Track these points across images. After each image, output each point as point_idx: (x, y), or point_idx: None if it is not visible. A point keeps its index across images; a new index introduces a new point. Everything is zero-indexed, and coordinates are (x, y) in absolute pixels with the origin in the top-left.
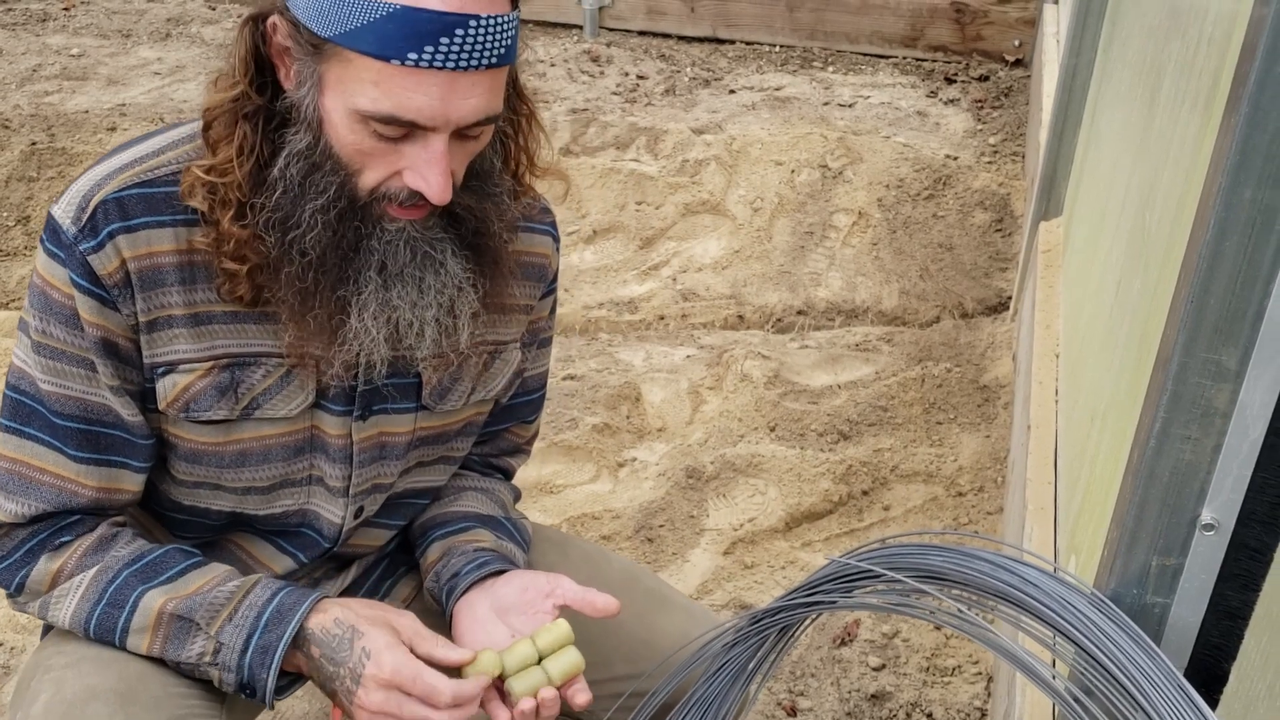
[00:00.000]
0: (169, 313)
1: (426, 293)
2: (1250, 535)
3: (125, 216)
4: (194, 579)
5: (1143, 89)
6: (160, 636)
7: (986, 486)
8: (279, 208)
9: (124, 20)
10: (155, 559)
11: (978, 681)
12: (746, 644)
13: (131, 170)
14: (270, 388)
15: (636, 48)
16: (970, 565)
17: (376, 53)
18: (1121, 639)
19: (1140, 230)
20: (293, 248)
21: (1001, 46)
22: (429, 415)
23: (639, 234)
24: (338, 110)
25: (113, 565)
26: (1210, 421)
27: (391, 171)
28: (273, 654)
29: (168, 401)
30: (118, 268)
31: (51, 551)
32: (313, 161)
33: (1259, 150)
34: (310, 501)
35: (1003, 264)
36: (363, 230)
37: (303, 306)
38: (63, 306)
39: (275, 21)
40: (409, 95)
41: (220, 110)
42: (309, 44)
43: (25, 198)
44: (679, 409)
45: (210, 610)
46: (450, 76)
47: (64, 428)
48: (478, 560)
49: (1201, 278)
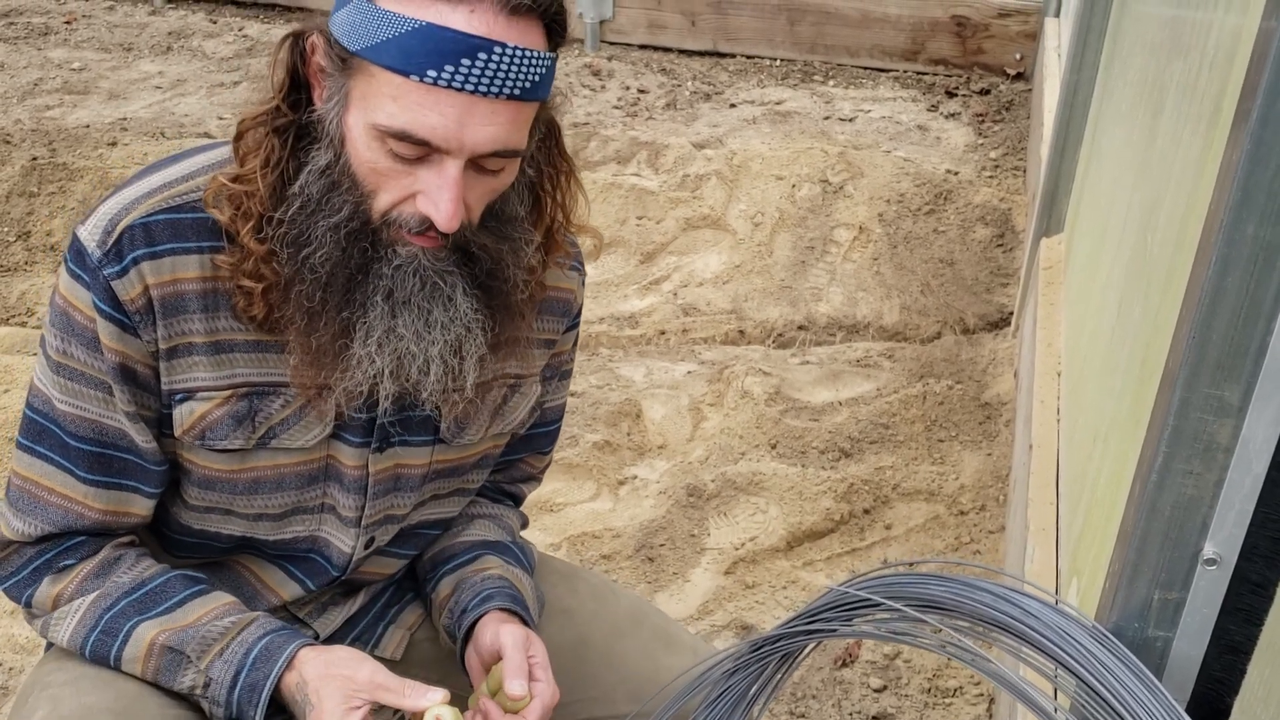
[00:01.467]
0: (189, 340)
1: (433, 327)
2: (1252, 570)
3: (151, 242)
4: (193, 609)
5: (1144, 108)
6: (152, 666)
7: (988, 505)
8: (294, 223)
9: (125, 34)
10: (155, 588)
11: (979, 703)
12: (747, 671)
13: (160, 195)
14: (288, 418)
15: (637, 61)
16: (971, 595)
17: (398, 67)
18: (1123, 672)
19: (1142, 251)
20: (304, 265)
21: (1002, 60)
22: (446, 449)
23: (640, 249)
24: (358, 126)
25: (112, 592)
26: (1212, 456)
27: (405, 195)
28: (259, 693)
29: (184, 428)
30: (140, 293)
31: (55, 574)
32: (331, 180)
33: (1261, 187)
34: (321, 529)
35: (1004, 279)
36: (371, 253)
37: (309, 327)
38: (84, 329)
39: (315, 40)
40: (424, 113)
41: (253, 122)
42: (339, 59)
43: (26, 213)
44: (680, 426)
45: (202, 645)
46: (469, 100)
47: (76, 449)
48: (482, 594)
49: (1204, 313)
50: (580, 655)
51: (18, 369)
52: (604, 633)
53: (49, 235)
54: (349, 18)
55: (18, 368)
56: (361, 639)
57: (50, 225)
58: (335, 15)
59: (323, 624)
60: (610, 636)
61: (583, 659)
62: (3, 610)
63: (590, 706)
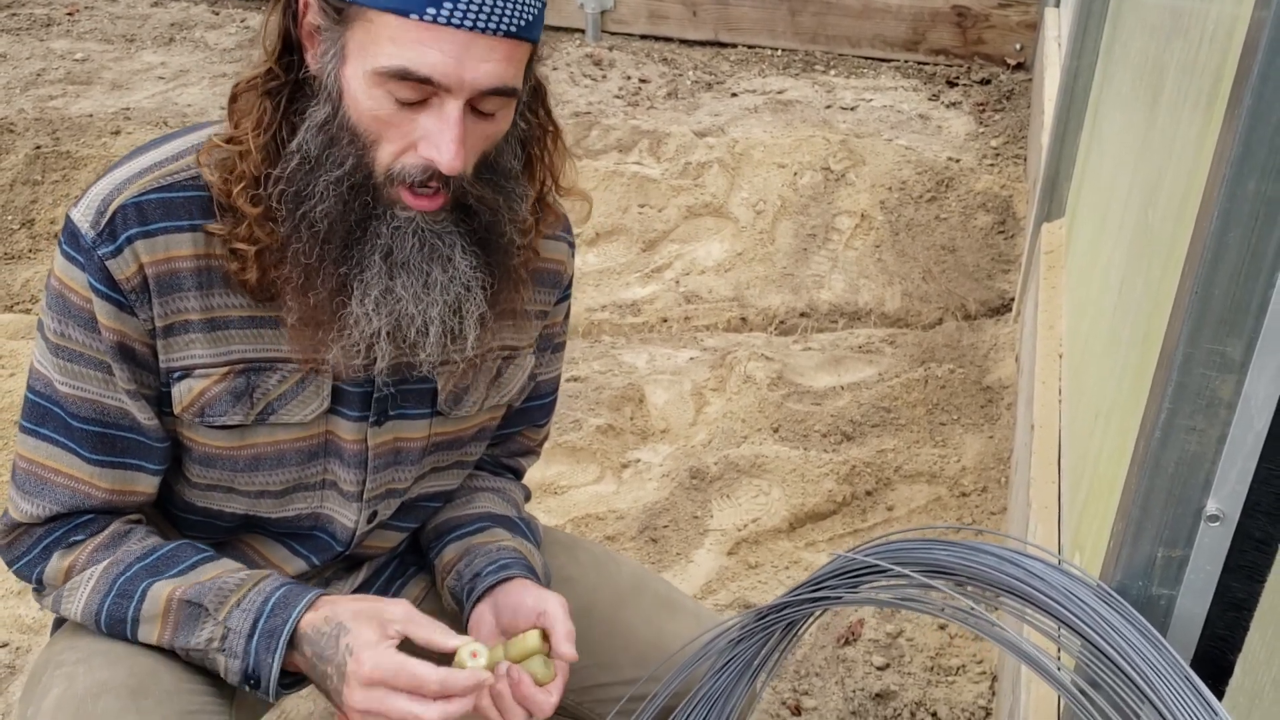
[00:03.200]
0: (185, 318)
1: (432, 288)
2: (1255, 527)
3: (144, 221)
4: (205, 570)
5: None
6: (170, 623)
7: (990, 487)
8: (293, 180)
9: (128, 25)
10: (166, 553)
11: (982, 680)
12: (752, 640)
13: (151, 175)
14: (286, 393)
15: (639, 51)
16: (975, 559)
17: (396, 7)
18: (1128, 631)
19: (1143, 228)
20: (302, 223)
21: (1003, 50)
22: (444, 421)
23: (642, 237)
24: (357, 77)
25: (124, 559)
26: (1215, 412)
27: (407, 144)
28: (277, 639)
29: (183, 406)
30: (135, 272)
31: (64, 549)
32: (331, 134)
33: (1262, 143)
34: (324, 505)
35: (1005, 266)
36: (372, 209)
37: (305, 284)
38: (80, 310)
39: (307, 0)
40: (425, 50)
41: (247, 85)
42: (334, 11)
43: (30, 201)
44: (682, 410)
45: (219, 596)
46: (467, 36)
47: (80, 430)
48: (499, 562)
49: (1206, 270)
50: (584, 623)
51: (22, 354)
52: (607, 601)
53: (53, 223)
54: None
55: (22, 353)
56: None
57: (54, 213)
58: None
59: None
60: (613, 604)
61: (586, 627)
62: (8, 590)
63: (595, 673)
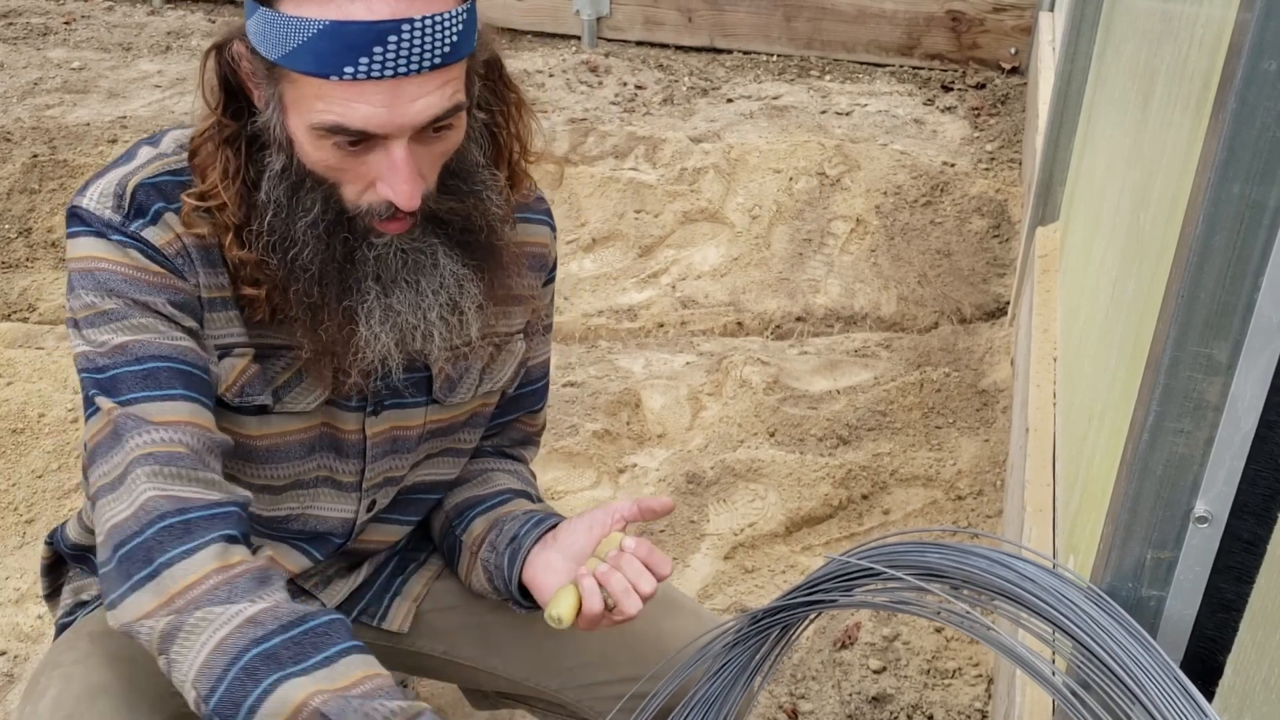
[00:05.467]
0: (224, 294)
1: (425, 295)
2: (1244, 528)
3: (167, 199)
4: (352, 670)
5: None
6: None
7: (985, 490)
8: (274, 229)
9: (124, 34)
10: (315, 628)
11: (978, 684)
12: (747, 643)
13: (157, 163)
14: (290, 380)
15: (634, 58)
16: (968, 562)
17: (314, 71)
18: (1118, 632)
19: (1135, 231)
20: (295, 266)
21: (998, 54)
22: (439, 408)
23: (638, 242)
24: (300, 128)
25: (265, 620)
26: (1202, 414)
27: (366, 184)
28: None
29: (228, 385)
30: (174, 239)
31: (226, 541)
32: (292, 180)
33: (1247, 146)
34: (314, 504)
35: (1000, 269)
36: (352, 241)
37: (314, 320)
38: (118, 272)
39: (238, 49)
40: (353, 106)
41: (202, 139)
42: (264, 67)
43: (27, 210)
44: (679, 415)
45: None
46: (393, 83)
47: (165, 370)
48: (532, 519)
49: (1192, 272)
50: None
51: (20, 362)
52: None
53: (50, 232)
54: (259, 27)
55: (19, 361)
56: (368, 611)
57: (51, 222)
58: (248, 23)
59: (328, 596)
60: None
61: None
62: (6, 599)
63: (594, 671)
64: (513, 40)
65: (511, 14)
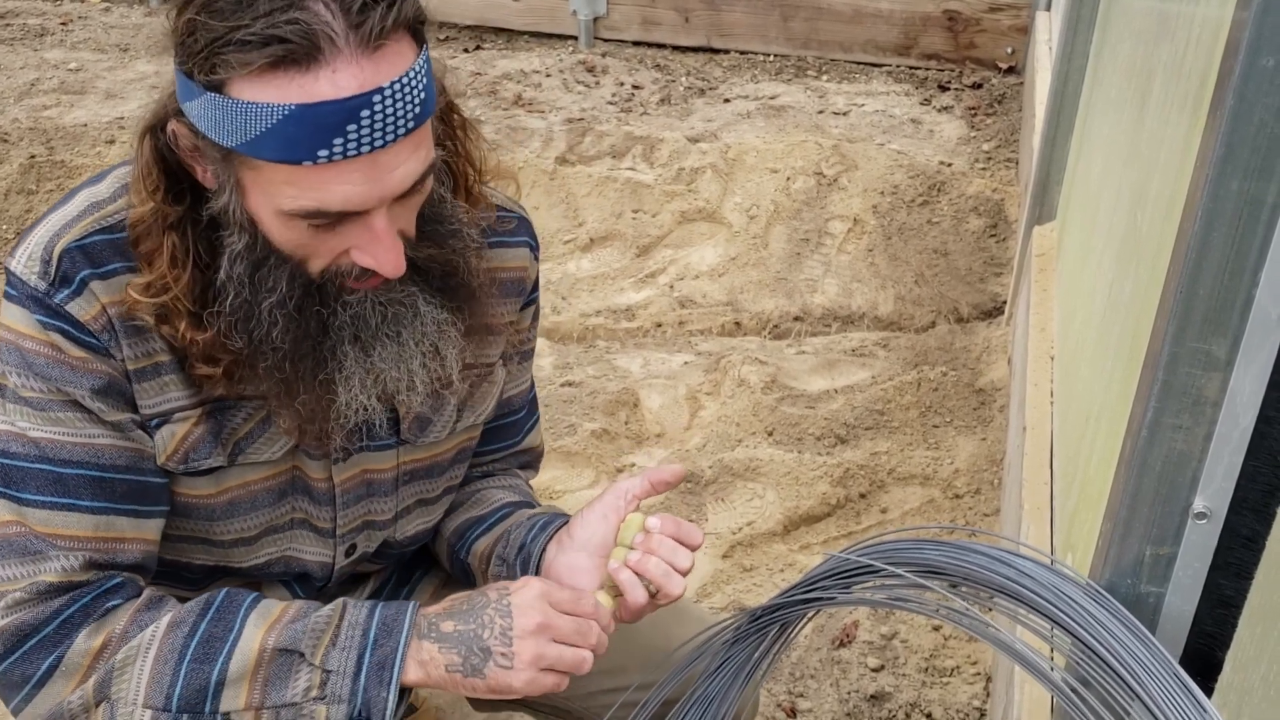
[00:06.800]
0: (156, 360)
1: (406, 345)
2: (1242, 524)
3: (95, 263)
4: (270, 607)
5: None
6: (260, 680)
7: (983, 489)
8: (236, 310)
9: (121, 35)
10: (221, 600)
11: (976, 682)
12: (747, 641)
13: (90, 218)
14: (252, 430)
15: (631, 58)
16: (967, 559)
17: (285, 158)
18: (1117, 629)
19: (1132, 230)
20: (262, 345)
21: (994, 54)
22: (411, 449)
23: (636, 242)
24: (264, 210)
25: (185, 618)
26: (1201, 410)
27: (338, 253)
28: (390, 668)
29: (167, 454)
30: (99, 312)
31: (96, 621)
32: (255, 258)
33: (1245, 142)
34: (292, 546)
35: (997, 269)
36: (325, 312)
37: (288, 395)
38: (43, 354)
39: (176, 128)
40: (331, 188)
41: (143, 225)
42: (216, 150)
43: (25, 210)
44: (677, 415)
45: (312, 638)
46: (369, 158)
47: (74, 478)
48: (536, 524)
49: (1190, 269)
50: None
51: None
52: None
53: None
54: (207, 114)
55: None
56: None
57: None
58: (188, 106)
59: None
60: None
61: None
62: None
63: (602, 679)
64: (509, 40)
65: (508, 14)
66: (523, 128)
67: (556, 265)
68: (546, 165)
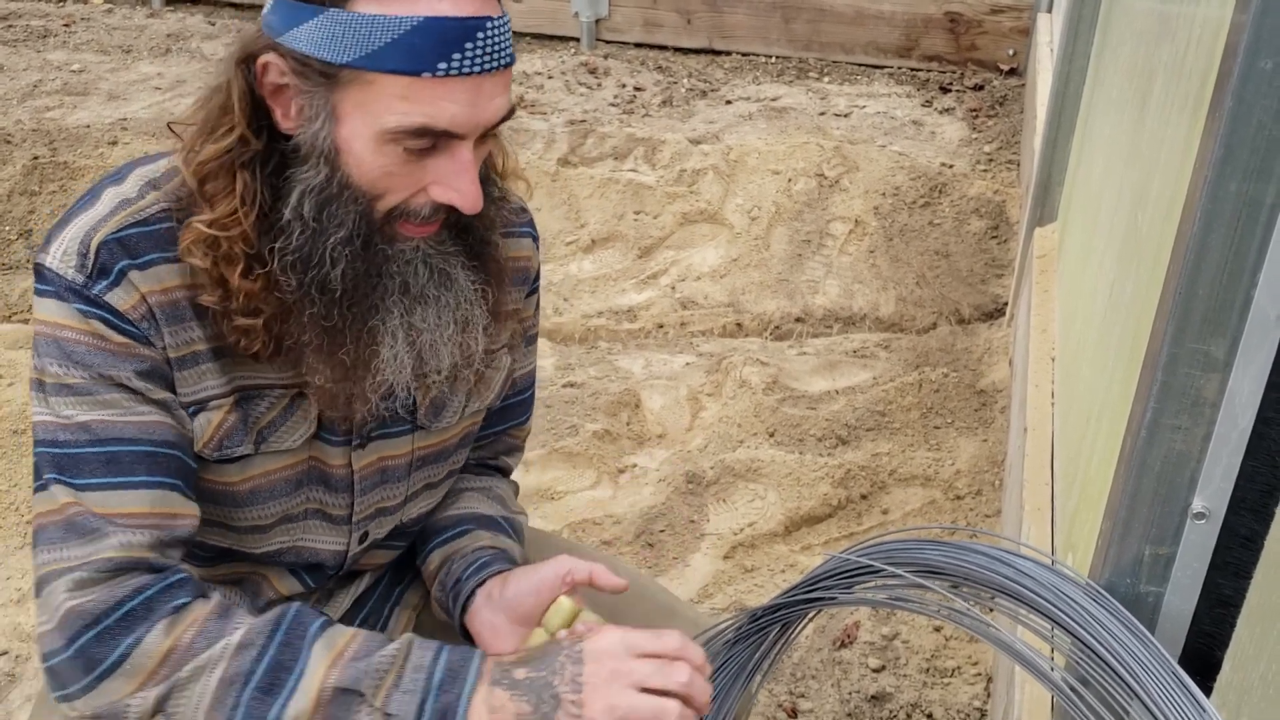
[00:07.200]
0: (194, 348)
1: (444, 312)
2: (1241, 523)
3: (132, 255)
4: (335, 636)
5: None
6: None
7: (984, 490)
8: (297, 249)
9: (124, 36)
10: (289, 621)
11: (977, 682)
12: (747, 641)
13: (122, 213)
14: (275, 419)
15: (633, 59)
16: (967, 559)
17: (406, 69)
18: (1116, 628)
19: (1133, 231)
20: (313, 287)
21: (996, 56)
22: (425, 434)
23: (637, 243)
24: (360, 137)
25: (253, 639)
26: (1200, 411)
27: (416, 189)
28: (452, 716)
29: (204, 442)
30: (139, 301)
31: (170, 616)
32: (327, 194)
33: (1244, 144)
34: (304, 537)
35: (998, 270)
36: (387, 251)
37: (332, 345)
38: (84, 342)
39: (268, 61)
40: (441, 105)
41: (214, 162)
42: (319, 74)
43: (28, 211)
44: (678, 415)
45: (375, 677)
46: (476, 81)
47: (128, 454)
48: (477, 562)
49: (1189, 270)
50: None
51: (20, 364)
52: (607, 604)
53: None
54: (323, 32)
55: (20, 362)
56: (369, 620)
57: (51, 224)
58: (293, 32)
59: (331, 608)
60: (612, 609)
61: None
62: (7, 599)
63: None
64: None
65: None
66: (525, 129)
67: (559, 266)
68: (549, 167)
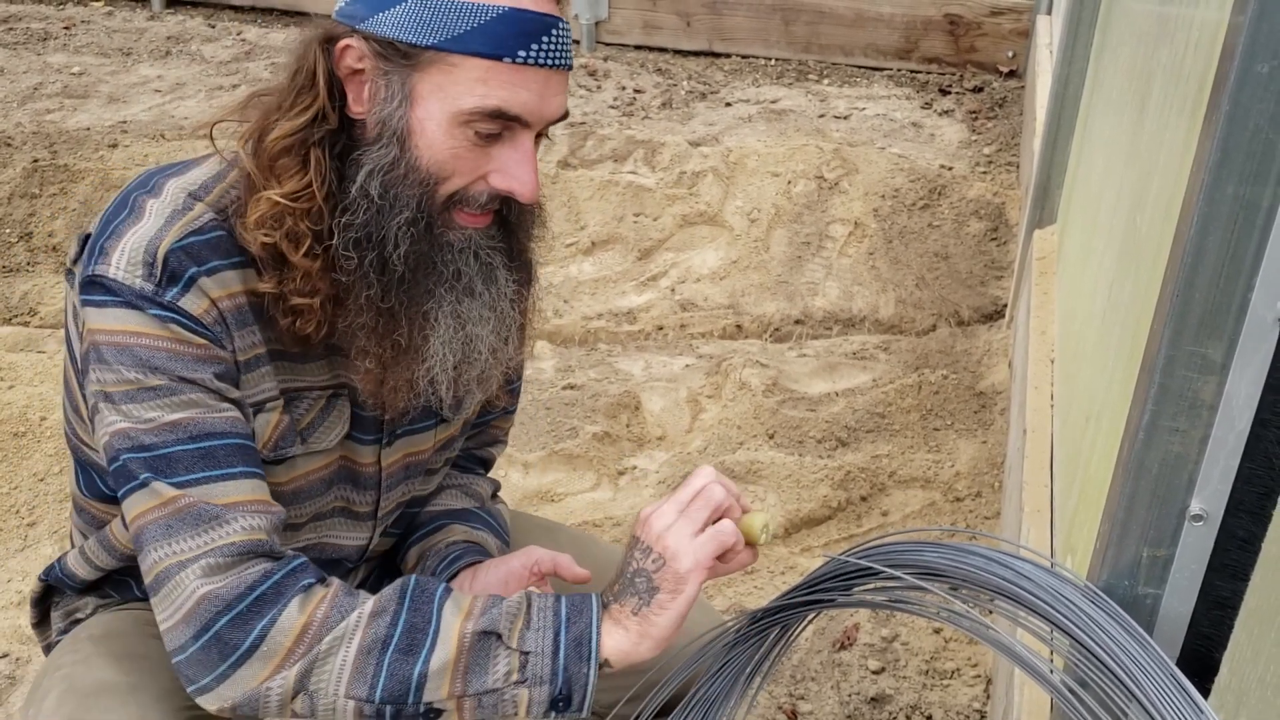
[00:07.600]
0: (256, 351)
1: (486, 306)
2: (1239, 525)
3: (198, 261)
4: (461, 598)
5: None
6: (461, 668)
7: (984, 491)
8: (361, 227)
9: (124, 39)
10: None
11: (976, 684)
12: (747, 643)
13: (179, 222)
14: (314, 420)
15: (633, 62)
16: (967, 561)
17: (488, 52)
18: (1114, 630)
19: (1132, 233)
20: (372, 269)
21: (995, 58)
22: (446, 427)
23: (637, 245)
24: (433, 118)
25: (385, 607)
26: (1197, 414)
27: (478, 175)
28: (588, 643)
29: (264, 442)
30: (209, 307)
31: (302, 594)
32: (395, 175)
33: (1240, 147)
34: (328, 534)
35: (998, 272)
36: (447, 235)
37: (386, 328)
38: (160, 348)
39: (349, 44)
40: (515, 90)
41: (290, 138)
42: (401, 57)
43: (28, 214)
44: (678, 417)
45: (508, 620)
46: (546, 74)
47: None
48: (448, 557)
49: (1186, 273)
50: None
51: (21, 366)
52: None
53: (50, 236)
54: (410, 15)
55: (21, 365)
56: None
57: (52, 226)
58: (379, 16)
59: None
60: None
61: None
62: (8, 602)
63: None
64: None
65: None
66: None
67: (559, 268)
68: (548, 169)
